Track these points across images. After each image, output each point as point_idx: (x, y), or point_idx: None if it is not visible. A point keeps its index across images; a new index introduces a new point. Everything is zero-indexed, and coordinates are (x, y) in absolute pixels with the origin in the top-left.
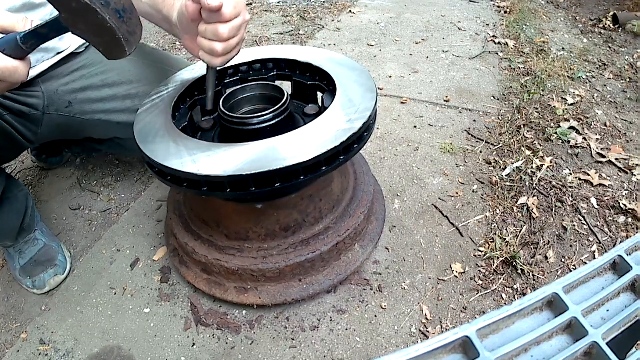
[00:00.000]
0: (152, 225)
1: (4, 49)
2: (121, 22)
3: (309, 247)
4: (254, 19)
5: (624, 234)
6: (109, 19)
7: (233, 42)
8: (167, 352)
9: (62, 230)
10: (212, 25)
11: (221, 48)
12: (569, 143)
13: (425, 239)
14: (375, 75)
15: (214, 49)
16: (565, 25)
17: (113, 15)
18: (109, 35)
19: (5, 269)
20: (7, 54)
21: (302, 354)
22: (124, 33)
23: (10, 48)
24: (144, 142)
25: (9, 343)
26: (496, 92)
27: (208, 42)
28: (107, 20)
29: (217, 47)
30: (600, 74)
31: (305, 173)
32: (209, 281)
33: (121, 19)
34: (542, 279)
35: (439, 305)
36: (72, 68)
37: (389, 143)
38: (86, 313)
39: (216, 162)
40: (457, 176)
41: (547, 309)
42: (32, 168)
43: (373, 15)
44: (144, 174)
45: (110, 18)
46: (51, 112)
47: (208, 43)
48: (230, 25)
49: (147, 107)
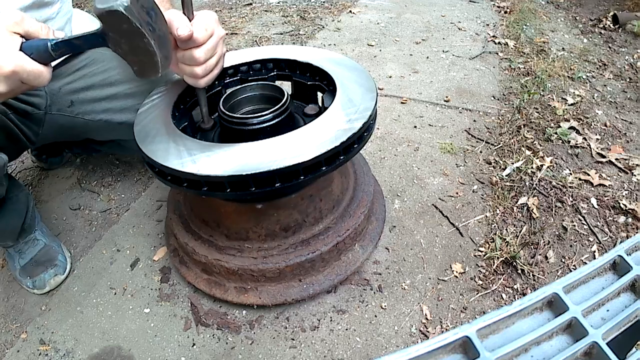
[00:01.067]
0: (152, 225)
1: (31, 53)
2: (161, 47)
3: (309, 247)
4: (254, 19)
5: (624, 234)
6: (153, 44)
7: (212, 62)
8: (167, 352)
9: (62, 230)
10: (188, 51)
11: (201, 70)
12: (569, 143)
13: (425, 239)
14: (375, 75)
15: (194, 73)
16: (565, 25)
17: (157, 40)
18: (149, 57)
19: (5, 269)
20: (34, 57)
21: (302, 354)
22: (161, 57)
23: (39, 53)
24: (143, 142)
25: (9, 343)
26: (496, 92)
27: (187, 67)
28: (152, 44)
29: (197, 70)
30: (600, 74)
31: (305, 173)
32: (209, 281)
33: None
34: (542, 279)
35: (439, 305)
36: (74, 67)
37: (389, 143)
38: (86, 313)
39: (216, 162)
40: (457, 176)
41: (547, 309)
42: (32, 168)
43: (373, 15)
44: (144, 174)
45: (154, 43)
46: (53, 111)
47: (188, 68)
48: (205, 49)
49: (147, 107)
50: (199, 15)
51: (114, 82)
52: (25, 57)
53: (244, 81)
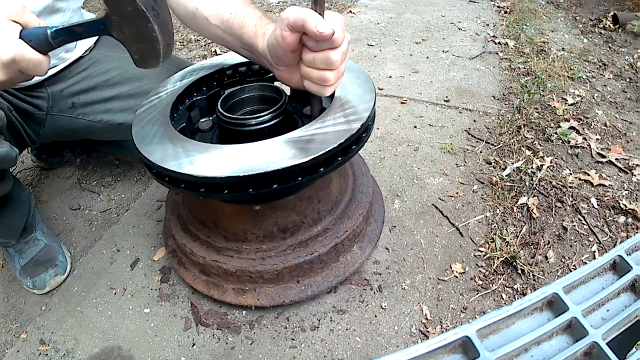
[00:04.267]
0: (152, 225)
1: (30, 40)
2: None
3: (307, 249)
4: None
5: (624, 234)
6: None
7: (343, 67)
8: (167, 352)
9: (62, 230)
10: (322, 52)
11: (334, 76)
12: (569, 143)
13: (425, 239)
14: (375, 75)
15: (325, 78)
16: (565, 25)
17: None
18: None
19: (5, 269)
20: (33, 45)
21: (302, 354)
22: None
23: (38, 41)
24: (141, 143)
25: (9, 343)
26: (496, 92)
27: (318, 71)
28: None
29: (329, 76)
30: (600, 74)
31: (303, 174)
32: (207, 282)
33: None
34: (542, 279)
35: (439, 305)
36: (76, 70)
37: (389, 143)
38: (86, 313)
39: (214, 164)
40: (457, 176)
41: (547, 309)
42: (32, 168)
43: (373, 15)
44: (144, 174)
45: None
46: (54, 113)
47: (318, 73)
48: (341, 50)
49: (145, 108)
50: (331, 15)
51: (116, 83)
52: (25, 44)
53: (243, 82)
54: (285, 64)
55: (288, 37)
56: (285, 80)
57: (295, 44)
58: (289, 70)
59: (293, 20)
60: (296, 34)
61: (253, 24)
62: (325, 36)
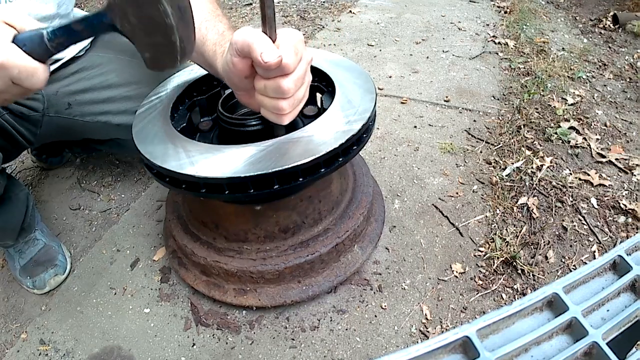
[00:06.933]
0: (152, 225)
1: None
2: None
3: (308, 249)
4: (254, 19)
5: (624, 234)
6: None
7: (300, 94)
8: (167, 352)
9: (62, 230)
10: (273, 80)
11: (288, 105)
12: (569, 143)
13: (425, 239)
14: (375, 75)
15: (279, 107)
16: (565, 25)
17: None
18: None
19: (5, 269)
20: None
21: (302, 354)
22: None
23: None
24: (142, 143)
25: (9, 343)
26: (496, 92)
27: (271, 100)
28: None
29: (283, 105)
30: (600, 74)
31: (304, 175)
32: (208, 283)
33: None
34: (542, 279)
35: (439, 305)
36: (72, 70)
37: (389, 143)
38: (86, 313)
39: (214, 164)
40: (457, 176)
41: (547, 309)
42: (32, 168)
43: (373, 15)
44: (144, 174)
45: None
46: (50, 113)
47: (271, 101)
48: (294, 77)
49: (146, 109)
50: (284, 35)
51: (112, 84)
52: (17, 49)
53: None
54: (241, 89)
55: (238, 63)
56: (247, 105)
57: (246, 70)
58: (247, 95)
59: (240, 46)
60: (247, 59)
61: (213, 41)
62: (270, 65)
